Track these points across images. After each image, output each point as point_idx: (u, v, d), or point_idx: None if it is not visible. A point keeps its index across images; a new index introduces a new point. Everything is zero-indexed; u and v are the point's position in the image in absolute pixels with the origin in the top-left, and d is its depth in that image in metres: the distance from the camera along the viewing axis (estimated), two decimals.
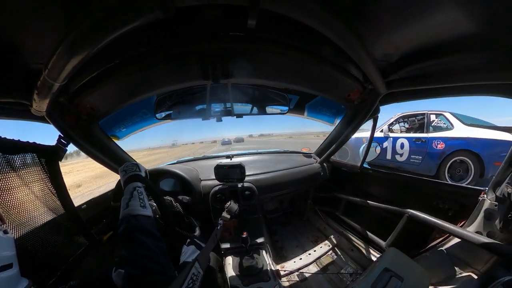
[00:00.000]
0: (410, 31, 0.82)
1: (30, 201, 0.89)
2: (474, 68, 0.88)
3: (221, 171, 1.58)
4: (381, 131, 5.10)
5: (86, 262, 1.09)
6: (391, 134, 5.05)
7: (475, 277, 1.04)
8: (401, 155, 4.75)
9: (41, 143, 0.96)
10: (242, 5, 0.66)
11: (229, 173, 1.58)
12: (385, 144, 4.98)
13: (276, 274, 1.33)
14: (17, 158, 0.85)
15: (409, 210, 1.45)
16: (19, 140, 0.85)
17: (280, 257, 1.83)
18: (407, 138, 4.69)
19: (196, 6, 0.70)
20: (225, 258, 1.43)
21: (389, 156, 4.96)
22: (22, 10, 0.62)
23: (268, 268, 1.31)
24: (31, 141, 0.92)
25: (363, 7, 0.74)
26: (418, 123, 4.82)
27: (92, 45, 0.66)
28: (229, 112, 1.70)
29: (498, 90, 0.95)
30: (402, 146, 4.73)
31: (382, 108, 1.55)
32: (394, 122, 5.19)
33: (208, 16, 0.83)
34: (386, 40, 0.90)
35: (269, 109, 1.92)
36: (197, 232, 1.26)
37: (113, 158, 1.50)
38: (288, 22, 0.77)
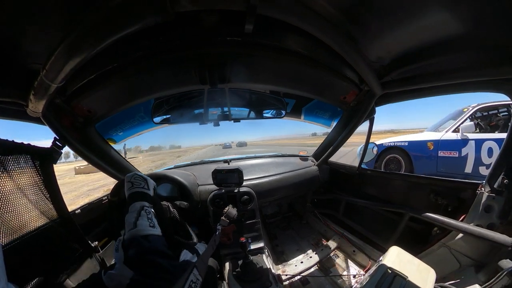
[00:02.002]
0: (400, 35, 0.86)
1: (22, 204, 0.85)
2: (463, 66, 0.93)
3: (219, 176, 1.56)
4: (455, 130, 3.57)
5: (79, 269, 1.04)
6: (472, 135, 3.37)
7: (480, 269, 1.03)
8: (488, 166, 3.06)
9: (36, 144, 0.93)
10: (239, 11, 0.68)
11: (227, 178, 1.57)
12: (465, 150, 3.36)
13: (278, 279, 1.30)
14: (10, 160, 0.82)
15: (409, 208, 1.46)
16: (12, 140, 0.83)
17: (281, 262, 1.78)
18: (495, 140, 3.13)
19: (194, 11, 0.71)
20: (224, 264, 1.39)
21: (469, 169, 3.30)
22: (23, 10, 0.62)
23: (269, 273, 1.27)
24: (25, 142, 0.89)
25: (355, 13, 0.77)
26: (503, 118, 3.42)
27: (91, 47, 0.67)
28: (226, 117, 1.70)
29: (486, 86, 0.99)
30: (489, 152, 3.14)
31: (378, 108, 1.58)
32: (469, 118, 3.59)
33: (206, 21, 0.85)
34: (379, 43, 0.94)
35: (266, 113, 1.94)
36: (195, 240, 1.23)
37: (109, 162, 1.48)
38: (284, 27, 0.80)
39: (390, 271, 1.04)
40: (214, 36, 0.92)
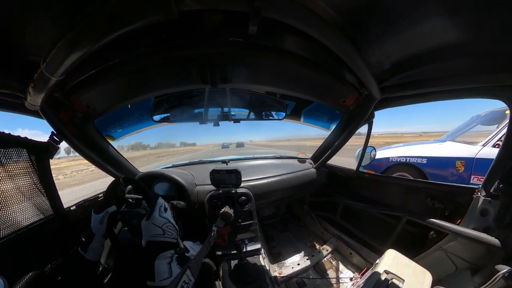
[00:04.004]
0: (400, 41, 0.87)
1: (16, 199, 0.84)
2: (461, 72, 0.94)
3: (217, 176, 1.56)
4: (497, 144, 2.55)
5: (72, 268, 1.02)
6: None
7: (476, 272, 1.04)
8: None
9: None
10: (243, 12, 0.68)
11: (225, 179, 1.56)
12: None
13: (274, 281, 1.29)
14: (4, 153, 0.81)
15: (406, 212, 1.47)
16: (9, 133, 0.81)
17: (277, 263, 1.78)
18: None
19: (198, 11, 0.71)
20: (221, 265, 1.37)
21: None
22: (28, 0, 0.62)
23: (266, 275, 1.26)
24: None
25: (357, 18, 0.78)
26: None
27: (94, 42, 0.66)
28: (226, 117, 1.70)
29: (484, 93, 1.01)
30: None
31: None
32: None
33: (209, 21, 0.85)
34: (379, 48, 0.95)
35: (266, 114, 1.94)
36: (181, 245, 1.22)
37: (107, 159, 1.46)
38: (286, 29, 0.81)
39: (386, 274, 1.05)
40: (217, 36, 0.92)
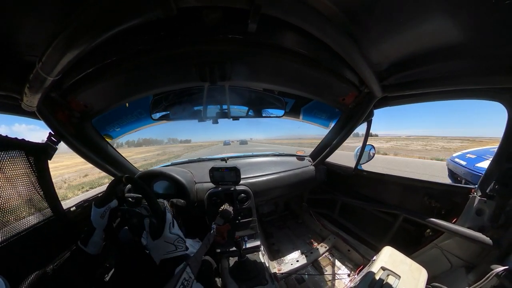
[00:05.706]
0: (400, 40, 0.87)
1: (15, 201, 0.84)
2: (461, 73, 0.94)
3: (216, 174, 1.56)
4: None
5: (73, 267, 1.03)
6: None
7: (470, 270, 1.07)
8: None
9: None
10: (243, 9, 0.67)
11: (224, 176, 1.56)
12: None
13: (274, 277, 1.31)
14: (2, 155, 0.80)
15: (403, 209, 1.49)
16: (6, 136, 0.80)
17: (276, 260, 1.81)
18: None
19: (197, 8, 0.70)
20: (220, 262, 1.39)
21: None
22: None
23: (265, 271, 1.29)
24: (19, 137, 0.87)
25: (359, 15, 0.77)
26: None
27: (90, 40, 0.65)
28: (225, 114, 1.69)
29: (483, 94, 1.01)
30: None
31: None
32: None
33: (209, 18, 0.83)
34: (380, 47, 0.94)
35: (265, 112, 1.93)
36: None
37: (106, 159, 1.45)
38: (286, 27, 0.80)
39: (383, 271, 1.07)
40: (216, 33, 0.90)
